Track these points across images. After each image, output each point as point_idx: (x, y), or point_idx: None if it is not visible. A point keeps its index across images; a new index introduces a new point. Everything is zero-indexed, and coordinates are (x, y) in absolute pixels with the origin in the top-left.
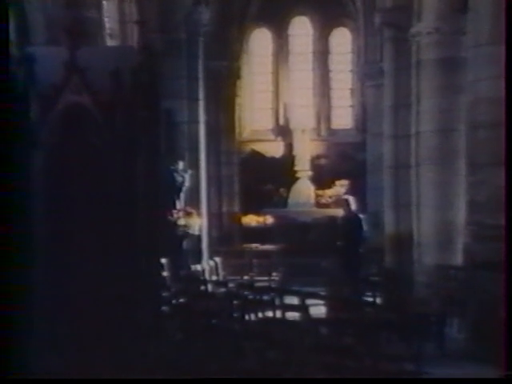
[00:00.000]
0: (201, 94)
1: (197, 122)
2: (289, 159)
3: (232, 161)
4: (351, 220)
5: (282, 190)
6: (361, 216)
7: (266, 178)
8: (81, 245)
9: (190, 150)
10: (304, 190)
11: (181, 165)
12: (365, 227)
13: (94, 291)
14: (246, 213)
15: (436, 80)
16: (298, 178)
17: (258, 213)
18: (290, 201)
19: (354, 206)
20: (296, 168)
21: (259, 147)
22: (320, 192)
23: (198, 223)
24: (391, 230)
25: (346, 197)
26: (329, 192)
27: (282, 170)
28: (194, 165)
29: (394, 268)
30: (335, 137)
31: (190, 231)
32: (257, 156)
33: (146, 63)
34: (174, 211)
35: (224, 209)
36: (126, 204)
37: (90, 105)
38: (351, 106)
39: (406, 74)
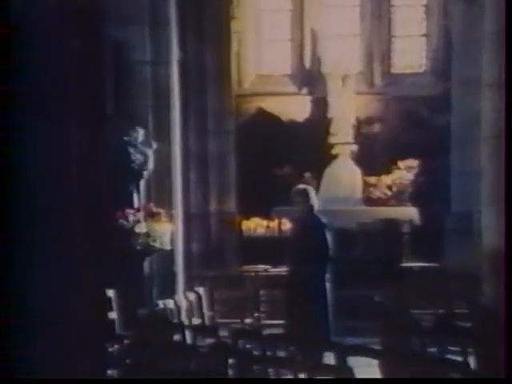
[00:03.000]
0: (173, 17)
1: (166, 62)
2: (320, 125)
3: (225, 128)
4: (308, 225)
5: (307, 175)
6: (324, 220)
7: (281, 157)
8: None
9: (156, 109)
10: (345, 177)
11: (141, 134)
12: (329, 238)
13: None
14: (247, 214)
15: None
16: (335, 157)
17: (267, 214)
18: (322, 193)
19: (315, 202)
20: (332, 140)
21: (270, 105)
22: (372, 179)
23: (168, 230)
24: (493, 243)
25: (302, 187)
26: (387, 179)
27: (309, 143)
28: (162, 134)
29: (498, 306)
30: (397, 87)
31: (157, 244)
32: (266, 119)
33: None
34: (130, 211)
35: (212, 207)
36: (48, 199)
37: None
38: (425, 36)
39: None
